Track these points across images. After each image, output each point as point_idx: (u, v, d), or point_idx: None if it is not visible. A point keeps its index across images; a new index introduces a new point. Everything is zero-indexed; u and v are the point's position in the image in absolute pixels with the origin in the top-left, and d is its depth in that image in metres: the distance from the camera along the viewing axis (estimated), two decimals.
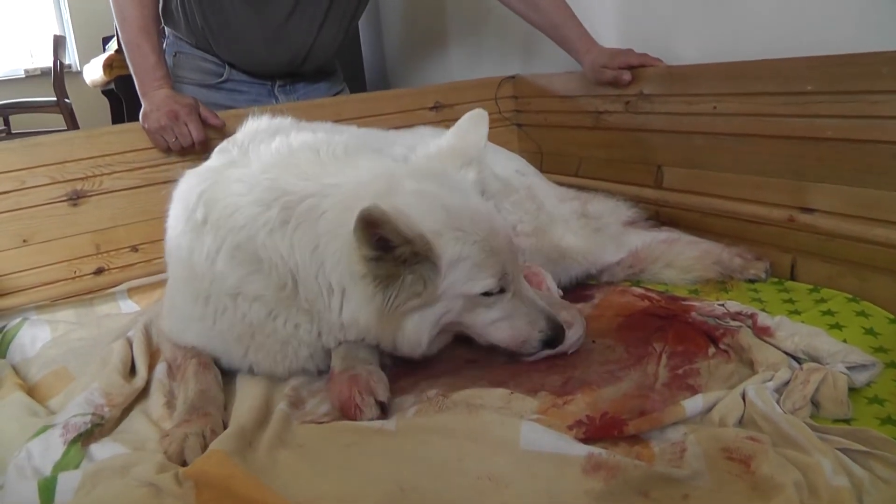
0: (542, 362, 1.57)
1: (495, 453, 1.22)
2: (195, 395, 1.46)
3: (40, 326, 1.93)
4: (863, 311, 1.64)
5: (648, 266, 2.01)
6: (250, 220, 1.43)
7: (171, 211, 1.62)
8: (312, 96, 2.71)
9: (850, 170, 1.73)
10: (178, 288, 1.60)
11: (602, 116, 2.47)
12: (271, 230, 1.42)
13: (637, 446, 1.24)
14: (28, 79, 9.16)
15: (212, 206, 1.48)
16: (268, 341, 1.52)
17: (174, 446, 1.30)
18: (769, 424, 1.21)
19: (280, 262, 1.42)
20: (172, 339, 1.65)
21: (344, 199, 1.40)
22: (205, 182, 1.54)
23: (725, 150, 2.05)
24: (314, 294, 1.43)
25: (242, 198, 1.46)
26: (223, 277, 1.46)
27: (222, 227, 1.45)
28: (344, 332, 1.48)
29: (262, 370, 1.57)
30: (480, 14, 3.44)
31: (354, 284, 1.38)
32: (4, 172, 2.02)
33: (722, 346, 1.54)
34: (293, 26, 2.51)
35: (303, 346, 1.53)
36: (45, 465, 1.29)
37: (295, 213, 1.41)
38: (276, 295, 1.45)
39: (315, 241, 1.40)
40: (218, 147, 1.69)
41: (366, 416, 1.38)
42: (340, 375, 1.47)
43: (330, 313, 1.44)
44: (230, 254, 1.45)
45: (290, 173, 1.48)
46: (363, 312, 1.40)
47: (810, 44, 1.87)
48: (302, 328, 1.50)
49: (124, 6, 2.20)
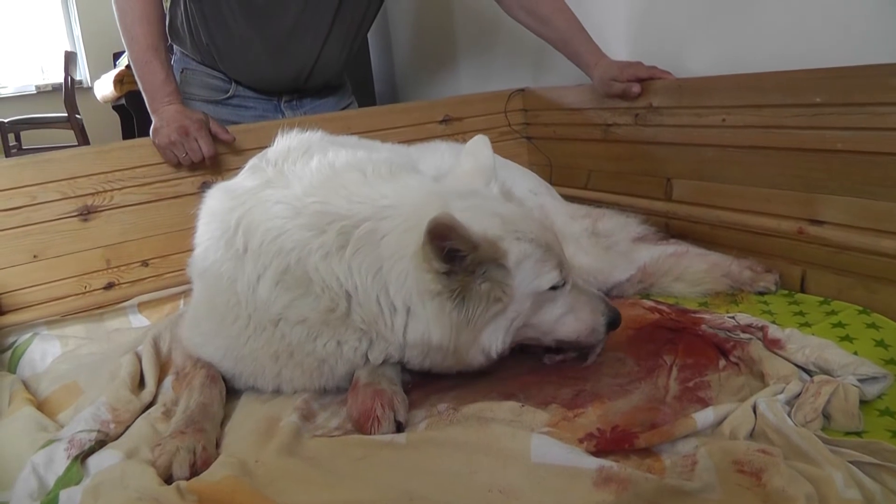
0: (554, 375, 1.56)
1: (506, 466, 1.21)
2: (196, 408, 1.45)
3: (51, 341, 1.94)
4: (873, 324, 1.63)
5: (658, 280, 2.00)
6: (300, 244, 1.42)
7: (204, 230, 1.61)
8: (320, 111, 2.71)
9: (859, 182, 1.73)
10: (209, 309, 1.58)
11: (611, 129, 2.48)
12: (327, 254, 1.41)
13: (648, 459, 1.23)
14: (39, 95, 9.18)
15: (252, 232, 1.47)
16: (306, 360, 1.51)
17: (163, 458, 1.29)
18: (780, 437, 1.21)
19: (335, 286, 1.41)
20: (191, 352, 1.64)
21: (403, 222, 1.40)
22: (241, 206, 1.52)
23: (735, 163, 2.04)
24: (373, 315, 1.42)
25: (289, 221, 1.44)
26: (266, 305, 1.45)
27: (265, 253, 1.44)
28: (404, 352, 1.47)
29: (294, 388, 1.56)
30: (490, 28, 3.45)
31: (424, 304, 1.38)
32: (16, 188, 2.03)
33: (732, 358, 1.54)
34: (296, 43, 2.52)
35: (341, 364, 1.51)
36: (48, 478, 1.29)
37: (353, 238, 1.40)
38: (323, 317, 1.44)
39: (378, 264, 1.39)
40: (249, 164, 1.68)
41: (382, 431, 1.37)
42: (365, 388, 1.46)
43: (392, 333, 1.43)
44: (276, 279, 1.44)
45: (340, 196, 1.47)
46: (436, 330, 1.38)
47: (819, 56, 1.87)
48: (346, 346, 1.48)
49: (132, 25, 2.21)
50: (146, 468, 1.27)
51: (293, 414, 1.47)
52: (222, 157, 2.29)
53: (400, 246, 1.38)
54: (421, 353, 1.45)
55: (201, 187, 2.27)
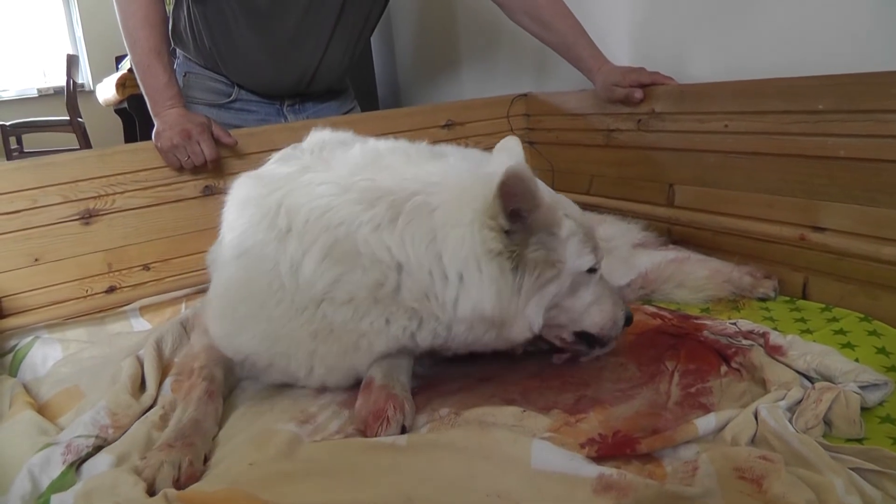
0: (555, 380, 1.57)
1: (505, 471, 1.21)
2: (188, 422, 1.43)
3: (52, 345, 1.93)
4: (875, 331, 1.63)
5: (660, 286, 2.00)
6: (349, 217, 1.41)
7: (238, 216, 1.59)
8: (322, 115, 2.71)
9: (861, 189, 1.73)
10: (247, 293, 1.54)
11: (614, 134, 2.48)
12: (377, 227, 1.40)
13: (650, 465, 1.23)
14: (41, 98, 9.20)
15: (296, 211, 1.46)
16: (346, 335, 1.49)
17: (147, 472, 1.27)
18: (781, 443, 1.21)
19: (386, 257, 1.40)
20: (220, 343, 1.62)
21: (455, 195, 1.41)
22: (280, 190, 1.52)
23: (737, 169, 2.05)
24: (424, 287, 1.41)
25: (335, 198, 1.44)
26: (310, 283, 1.44)
27: (311, 230, 1.43)
28: (450, 330, 1.46)
29: (326, 365, 1.54)
30: (492, 32, 3.45)
31: (480, 268, 1.38)
32: (17, 191, 2.02)
33: (734, 364, 1.54)
34: (298, 48, 2.52)
35: (384, 341, 1.49)
36: (42, 481, 1.29)
37: (404, 210, 1.40)
38: (372, 293, 1.43)
39: (431, 234, 1.38)
40: (278, 155, 1.68)
41: (389, 432, 1.37)
42: (380, 389, 1.46)
43: (441, 307, 1.42)
44: (323, 253, 1.42)
45: (386, 174, 1.47)
46: (489, 296, 1.38)
47: (822, 63, 1.87)
48: (395, 325, 1.47)
49: (134, 28, 2.21)
50: (138, 479, 1.26)
51: (290, 423, 1.46)
52: (225, 160, 2.29)
53: (454, 215, 1.38)
54: (467, 327, 1.44)
55: (203, 191, 2.28)
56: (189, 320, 1.97)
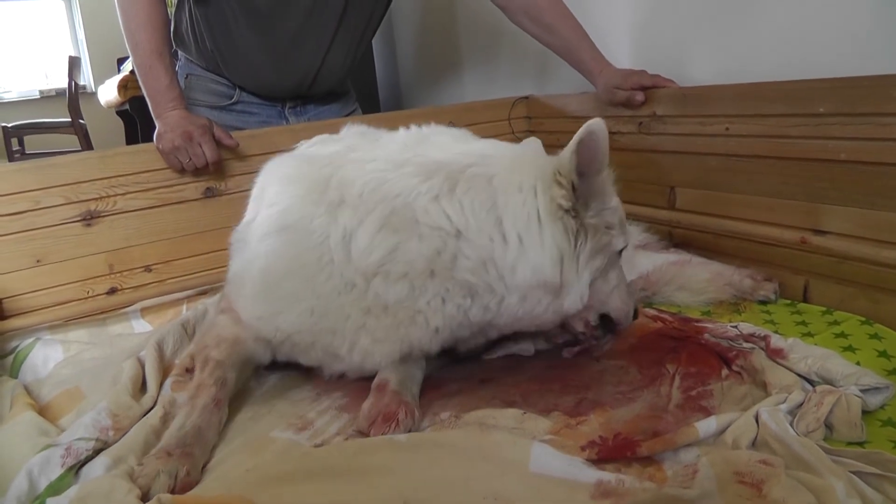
0: (556, 383, 1.57)
1: (504, 474, 1.21)
2: (190, 430, 1.40)
3: (53, 346, 1.93)
4: (876, 334, 1.63)
5: (661, 288, 2.01)
6: (407, 189, 1.42)
7: (280, 191, 1.57)
8: (323, 117, 2.72)
9: (862, 192, 1.73)
10: (293, 268, 1.50)
11: (615, 137, 2.47)
12: (436, 196, 1.40)
13: (650, 468, 1.23)
14: (43, 100, 9.23)
15: (348, 185, 1.46)
16: (401, 312, 1.47)
17: (143, 481, 1.26)
18: (782, 446, 1.21)
19: (445, 224, 1.39)
20: (257, 325, 1.58)
21: (510, 165, 1.44)
22: (329, 166, 1.52)
23: (738, 172, 2.04)
24: (482, 255, 1.40)
25: (390, 173, 1.45)
26: (365, 255, 1.42)
27: (366, 201, 1.43)
28: (501, 305, 1.45)
29: (374, 338, 1.50)
30: (494, 35, 3.45)
31: (540, 230, 1.38)
32: (19, 193, 2.02)
33: (735, 367, 1.54)
34: (300, 50, 2.52)
35: (439, 319, 1.47)
36: (39, 482, 1.28)
37: (461, 179, 1.41)
38: (427, 266, 1.42)
39: (491, 200, 1.39)
40: (316, 139, 1.70)
41: (396, 433, 1.37)
42: (394, 394, 1.46)
43: (499, 277, 1.41)
44: (380, 223, 1.41)
45: (437, 150, 1.49)
46: (549, 258, 1.38)
47: (823, 66, 1.87)
48: (450, 304, 1.45)
49: (136, 30, 2.21)
50: (133, 486, 1.25)
51: (287, 430, 1.46)
52: (226, 162, 2.29)
53: (514, 181, 1.40)
54: (520, 297, 1.43)
55: (205, 192, 2.28)
56: (203, 315, 1.99)
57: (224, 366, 1.56)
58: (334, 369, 1.61)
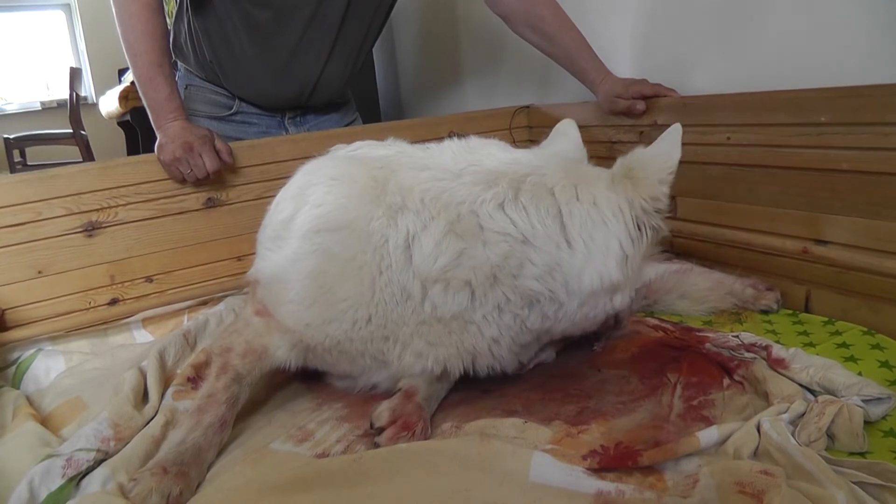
0: (557, 392, 1.57)
1: (503, 483, 1.21)
2: (190, 447, 1.37)
3: (54, 357, 1.93)
4: (878, 344, 1.63)
5: (662, 297, 2.01)
6: (470, 197, 1.40)
7: (327, 191, 1.51)
8: (323, 127, 2.73)
9: (864, 202, 1.73)
10: (348, 271, 1.44)
11: (616, 146, 2.47)
12: (501, 203, 1.39)
13: (651, 477, 1.23)
14: (44, 111, 9.25)
15: (408, 191, 1.43)
16: (453, 322, 1.45)
17: (135, 499, 1.24)
18: (784, 456, 1.21)
19: (512, 230, 1.38)
20: (304, 331, 1.51)
21: (566, 175, 1.45)
22: (383, 168, 1.50)
23: (739, 181, 2.05)
24: (548, 261, 1.39)
25: (449, 182, 1.43)
26: (429, 259, 1.38)
27: (429, 207, 1.40)
28: (562, 308, 1.43)
29: (428, 340, 1.47)
30: (495, 45, 3.46)
31: (608, 233, 1.40)
32: (21, 204, 2.02)
33: (736, 377, 1.54)
34: (299, 61, 2.53)
35: (494, 329, 1.45)
36: (40, 492, 1.28)
37: (523, 188, 1.41)
38: (491, 273, 1.39)
39: (556, 207, 1.40)
40: (361, 143, 1.66)
41: (415, 439, 1.39)
42: (418, 407, 1.47)
43: (564, 285, 1.40)
44: (445, 228, 1.38)
45: (489, 160, 1.48)
46: (614, 261, 1.40)
47: (825, 75, 1.87)
48: (506, 314, 1.43)
49: (135, 41, 2.21)
50: (127, 502, 1.24)
51: (287, 442, 1.46)
52: (226, 173, 2.29)
53: (575, 193, 1.43)
54: (581, 302, 1.42)
55: (206, 203, 2.28)
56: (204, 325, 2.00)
57: (241, 381, 1.52)
58: (371, 381, 1.60)
